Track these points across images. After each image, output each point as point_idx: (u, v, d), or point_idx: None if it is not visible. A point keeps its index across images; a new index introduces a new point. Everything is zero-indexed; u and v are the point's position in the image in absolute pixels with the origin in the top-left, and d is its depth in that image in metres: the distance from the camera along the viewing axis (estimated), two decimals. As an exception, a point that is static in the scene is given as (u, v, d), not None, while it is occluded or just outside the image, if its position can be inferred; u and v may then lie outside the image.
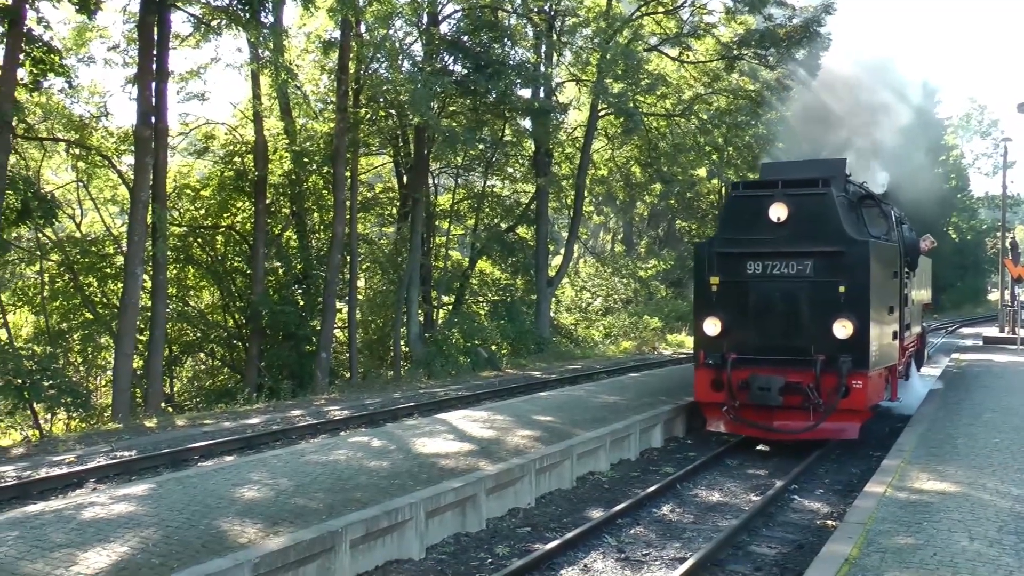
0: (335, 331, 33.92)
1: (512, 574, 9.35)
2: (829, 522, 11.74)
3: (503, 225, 43.08)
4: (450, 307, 41.55)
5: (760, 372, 15.70)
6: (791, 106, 38.45)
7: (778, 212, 15.87)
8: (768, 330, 15.96)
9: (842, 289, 15.39)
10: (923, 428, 15.39)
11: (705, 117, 41.26)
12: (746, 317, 16.18)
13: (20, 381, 24.43)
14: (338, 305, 33.59)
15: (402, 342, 35.94)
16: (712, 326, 16.34)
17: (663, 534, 11.33)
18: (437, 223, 42.01)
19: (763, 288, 16.04)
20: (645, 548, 10.70)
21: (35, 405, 27.36)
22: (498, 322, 39.13)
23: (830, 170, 17.08)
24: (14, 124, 23.58)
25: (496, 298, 43.34)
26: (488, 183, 42.64)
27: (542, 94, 37.84)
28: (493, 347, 37.12)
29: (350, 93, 31.92)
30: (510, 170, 42.24)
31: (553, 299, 45.48)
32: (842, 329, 15.29)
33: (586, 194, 44.27)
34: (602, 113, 40.05)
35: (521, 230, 43.82)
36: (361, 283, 38.81)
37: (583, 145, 40.93)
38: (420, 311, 36.62)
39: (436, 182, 42.49)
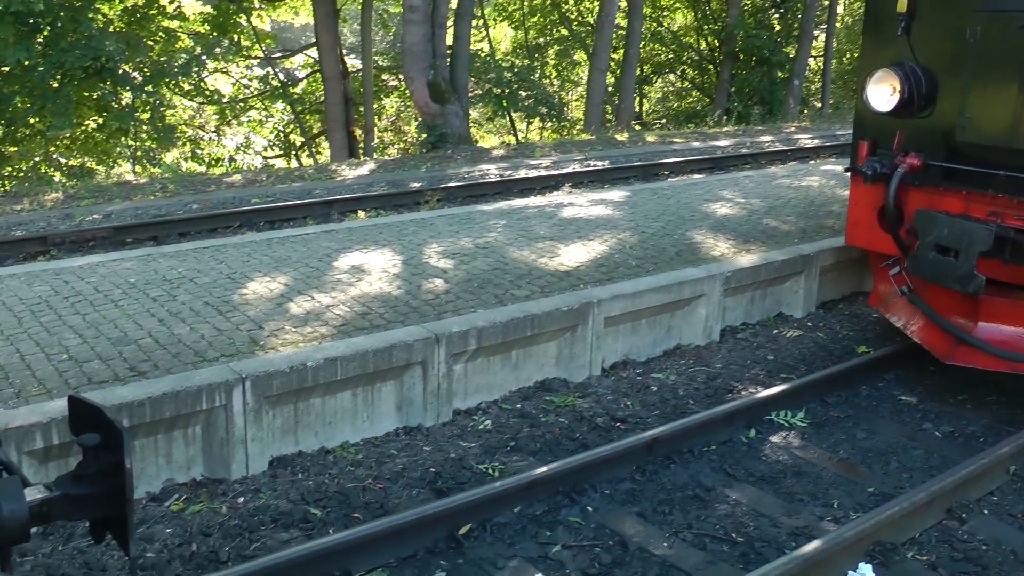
0: (809, 59, 32.66)
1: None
2: None
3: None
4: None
5: (948, 206, 6.88)
6: None
7: None
8: (993, 112, 6.55)
9: None
10: None
11: None
12: (955, 78, 6.79)
13: (500, 91, 26.21)
14: (815, 32, 32.20)
15: (879, 74, 34.03)
16: (883, 92, 7.05)
17: None
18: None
19: (999, 21, 6.45)
20: None
21: (512, 113, 29.26)
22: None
23: None
24: None
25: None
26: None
27: None
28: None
29: None
30: None
31: None
32: None
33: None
34: None
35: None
36: (840, 10, 36.76)
37: None
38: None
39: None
